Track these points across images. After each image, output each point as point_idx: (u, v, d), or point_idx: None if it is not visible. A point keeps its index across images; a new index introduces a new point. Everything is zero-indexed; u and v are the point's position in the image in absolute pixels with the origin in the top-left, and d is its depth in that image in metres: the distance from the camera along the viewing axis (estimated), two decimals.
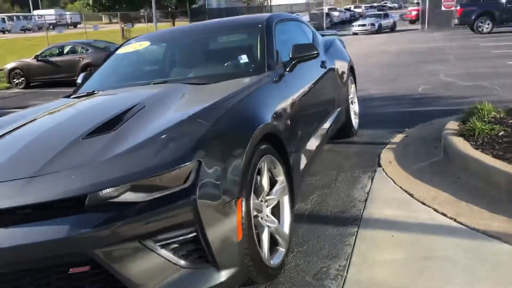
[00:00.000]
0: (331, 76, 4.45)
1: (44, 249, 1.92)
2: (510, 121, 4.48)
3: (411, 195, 3.47)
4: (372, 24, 29.40)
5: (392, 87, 8.71)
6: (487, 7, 20.33)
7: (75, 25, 53.17)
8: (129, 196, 1.98)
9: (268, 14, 3.95)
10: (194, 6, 40.29)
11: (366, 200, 3.49)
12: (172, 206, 1.98)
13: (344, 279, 2.52)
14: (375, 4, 62.26)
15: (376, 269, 2.59)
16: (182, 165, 2.03)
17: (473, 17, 20.42)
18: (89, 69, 14.73)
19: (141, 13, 34.80)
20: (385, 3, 70.17)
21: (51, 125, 2.67)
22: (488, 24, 20.22)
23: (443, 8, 26.89)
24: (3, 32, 49.82)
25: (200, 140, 2.15)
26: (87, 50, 15.15)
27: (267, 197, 2.62)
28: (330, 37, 5.43)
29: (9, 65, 15.69)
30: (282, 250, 2.65)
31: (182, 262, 2.06)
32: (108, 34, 33.46)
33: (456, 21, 21.61)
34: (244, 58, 3.43)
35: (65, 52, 15.61)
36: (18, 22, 53.10)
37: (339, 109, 4.65)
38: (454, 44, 16.89)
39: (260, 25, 3.65)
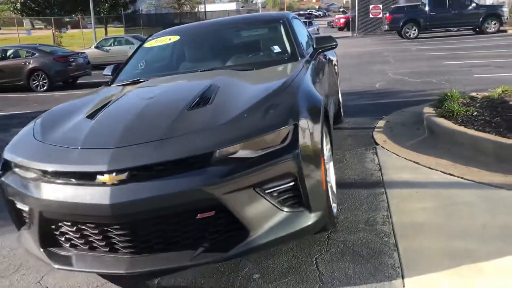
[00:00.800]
0: (330, 67, 5.05)
1: (179, 197, 2.30)
2: (477, 104, 5.31)
3: (417, 163, 4.13)
4: None
5: (351, 85, 9.51)
6: (413, 14, 22.18)
7: None
8: (243, 153, 2.41)
9: (283, 12, 4.46)
10: (127, 12, 39.93)
11: (380, 169, 4.09)
12: (279, 159, 2.44)
13: (392, 223, 3.08)
14: (302, 12, 64.52)
15: (413, 215, 3.18)
16: (284, 127, 2.49)
17: (401, 24, 22.17)
18: (36, 73, 14.47)
19: (75, 19, 33.90)
20: (311, 11, 73.04)
21: (146, 102, 2.99)
22: (415, 30, 22.04)
23: (371, 16, 28.76)
24: None
25: (292, 108, 2.64)
26: (33, 54, 14.73)
27: None
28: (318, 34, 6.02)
29: None
30: (334, 205, 3.17)
31: (284, 207, 2.52)
32: (37, 40, 32.22)
33: (386, 27, 23.37)
34: (277, 48, 3.91)
35: (7, 56, 15.11)
36: None
37: (333, 97, 5.24)
38: (388, 48, 18.29)
39: (281, 20, 4.16)
